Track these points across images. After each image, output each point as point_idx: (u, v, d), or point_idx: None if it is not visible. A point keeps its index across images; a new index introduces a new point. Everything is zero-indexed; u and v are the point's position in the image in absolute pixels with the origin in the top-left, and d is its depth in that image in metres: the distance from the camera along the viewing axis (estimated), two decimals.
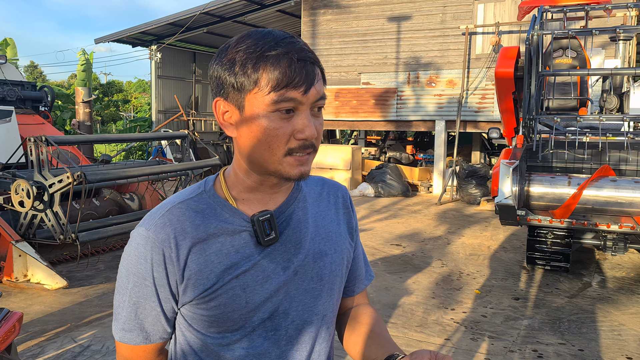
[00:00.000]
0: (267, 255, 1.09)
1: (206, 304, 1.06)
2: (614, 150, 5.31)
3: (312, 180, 1.26)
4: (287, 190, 1.17)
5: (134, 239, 1.09)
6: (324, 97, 1.05)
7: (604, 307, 5.08)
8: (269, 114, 1.01)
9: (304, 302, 1.13)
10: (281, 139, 1.01)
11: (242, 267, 1.07)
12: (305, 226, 1.15)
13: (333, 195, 1.27)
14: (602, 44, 10.06)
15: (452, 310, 4.96)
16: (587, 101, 6.86)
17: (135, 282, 1.08)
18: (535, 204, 5.30)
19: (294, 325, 1.13)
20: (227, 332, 1.09)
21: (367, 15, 13.25)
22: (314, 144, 1.05)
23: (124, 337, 1.10)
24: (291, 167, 1.04)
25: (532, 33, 4.95)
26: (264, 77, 0.99)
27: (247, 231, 1.09)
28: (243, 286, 1.07)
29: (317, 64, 1.05)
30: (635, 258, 6.80)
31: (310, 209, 1.19)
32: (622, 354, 4.08)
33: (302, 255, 1.13)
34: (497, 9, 11.99)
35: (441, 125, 12.54)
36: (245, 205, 1.12)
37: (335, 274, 1.19)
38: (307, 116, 1.02)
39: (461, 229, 8.58)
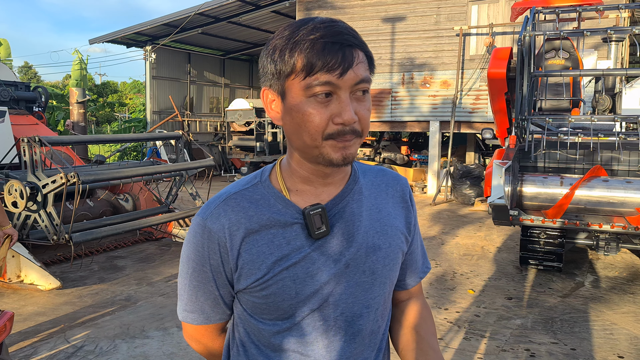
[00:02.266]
0: (318, 248, 1.10)
1: (258, 292, 1.10)
2: (605, 151, 5.34)
3: (371, 170, 1.26)
4: (341, 181, 1.16)
5: (192, 227, 1.15)
6: (366, 80, 1.03)
7: (597, 306, 5.11)
8: (306, 99, 1.01)
9: (354, 294, 1.14)
10: (319, 124, 1.01)
11: (293, 259, 1.09)
12: (359, 219, 1.15)
13: (392, 188, 1.25)
14: (594, 45, 10.12)
15: (446, 310, 4.98)
16: (579, 102, 6.90)
17: (195, 268, 1.14)
18: (528, 204, 5.33)
19: (344, 317, 1.14)
20: (278, 320, 1.12)
21: (361, 17, 13.27)
22: (356, 129, 1.03)
23: (187, 318, 1.19)
24: (333, 150, 1.03)
25: (524, 34, 4.98)
26: (300, 62, 1.00)
27: (299, 223, 1.10)
28: (293, 277, 1.09)
29: (359, 46, 1.03)
30: (628, 258, 6.84)
31: (366, 202, 1.18)
32: (614, 352, 4.11)
33: (354, 248, 1.13)
34: (491, 10, 12.03)
35: (435, 126, 12.57)
36: (299, 196, 1.13)
37: (389, 268, 1.18)
38: (345, 100, 1.01)
39: (455, 229, 8.61)
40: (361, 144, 1.11)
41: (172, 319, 4.64)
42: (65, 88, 30.63)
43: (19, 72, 47.85)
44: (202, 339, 1.24)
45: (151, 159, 9.85)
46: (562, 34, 5.08)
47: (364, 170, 1.24)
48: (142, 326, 4.49)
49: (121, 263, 6.46)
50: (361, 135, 1.05)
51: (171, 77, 19.00)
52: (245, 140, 15.07)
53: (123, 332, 4.36)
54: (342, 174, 1.15)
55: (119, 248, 7.11)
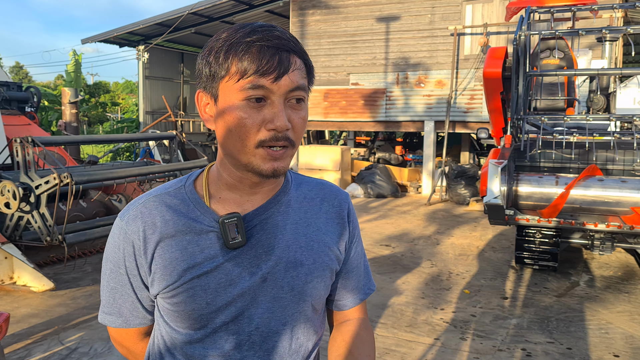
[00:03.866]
0: (233, 259, 1.07)
1: (170, 299, 1.07)
2: (600, 150, 5.35)
3: (308, 183, 1.21)
4: (269, 192, 1.12)
5: (113, 227, 1.13)
6: (301, 88, 1.00)
7: (592, 305, 5.12)
8: (238, 103, 0.98)
9: (271, 310, 1.10)
10: (250, 129, 0.98)
11: (205, 267, 1.06)
12: (281, 232, 1.11)
13: (328, 203, 1.20)
14: (588, 45, 10.15)
15: (442, 310, 4.97)
16: (574, 101, 6.91)
17: (112, 269, 1.12)
18: (523, 204, 5.33)
19: (259, 332, 1.10)
20: (191, 330, 1.09)
21: (355, 16, 13.26)
22: (289, 137, 1.00)
23: (105, 319, 1.16)
24: (263, 161, 1.00)
25: (519, 33, 4.98)
26: (234, 64, 0.97)
27: (215, 232, 1.07)
28: (204, 287, 1.06)
29: (297, 53, 1.01)
30: (623, 257, 6.86)
31: (293, 215, 1.14)
32: (610, 351, 4.11)
33: (272, 262, 1.09)
34: (485, 9, 12.05)
35: (430, 126, 12.58)
36: (220, 204, 1.09)
37: (312, 285, 1.13)
38: (279, 106, 0.98)
39: (450, 229, 8.61)
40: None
41: None
42: (57, 88, 30.49)
43: (10, 72, 47.59)
44: (123, 342, 1.20)
45: (144, 160, 9.81)
46: (557, 33, 5.08)
47: (300, 182, 1.19)
48: None
49: None
50: (294, 145, 1.02)
51: (164, 77, 18.93)
52: None
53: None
54: (273, 185, 1.12)
55: None
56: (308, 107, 1.07)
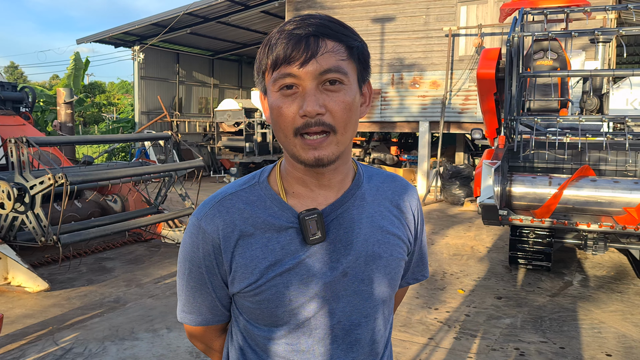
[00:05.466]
0: (313, 254, 1.07)
1: (251, 297, 1.08)
2: (593, 151, 5.39)
3: (379, 175, 1.21)
4: (341, 184, 1.12)
5: (188, 227, 1.13)
6: (335, 70, 0.98)
7: (585, 305, 5.15)
8: (276, 94, 1.00)
9: (352, 303, 1.10)
10: (286, 118, 0.99)
11: (286, 264, 1.06)
12: (359, 226, 1.11)
13: (399, 196, 1.20)
14: (582, 46, 10.19)
15: (436, 309, 4.99)
16: (567, 102, 6.95)
17: (191, 269, 1.13)
18: (517, 204, 5.36)
19: (341, 326, 1.10)
20: (273, 326, 1.09)
21: (350, 17, 13.28)
22: (324, 121, 0.98)
23: (185, 319, 1.17)
24: (303, 150, 1.00)
25: (512, 35, 5.01)
26: (270, 57, 1.00)
27: (294, 228, 1.07)
28: (287, 284, 1.06)
29: (330, 36, 0.99)
30: (615, 257, 6.90)
31: (368, 208, 1.13)
32: (602, 351, 4.14)
33: (352, 256, 1.09)
34: (480, 11, 12.09)
35: (425, 126, 12.61)
36: (296, 199, 1.10)
37: (390, 277, 1.14)
38: (309, 91, 0.97)
39: (445, 229, 8.64)
40: (342, 141, 1.04)
41: (162, 321, 4.61)
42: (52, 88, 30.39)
43: (5, 72, 47.41)
44: (202, 339, 1.23)
45: (140, 160, 9.80)
46: (550, 34, 5.11)
47: (371, 174, 1.19)
48: (132, 328, 4.46)
49: (110, 264, 6.42)
50: (335, 131, 1.00)
51: (160, 77, 18.90)
52: (234, 140, 15.03)
53: (112, 334, 4.33)
54: (341, 176, 1.11)
55: (108, 249, 7.05)
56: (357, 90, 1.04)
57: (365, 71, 1.06)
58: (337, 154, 1.02)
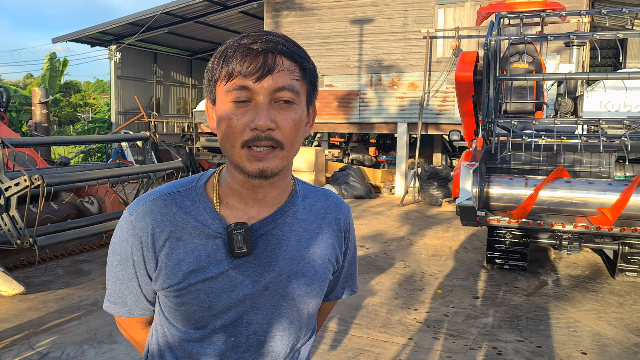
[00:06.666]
0: (238, 267, 1.09)
1: (172, 298, 1.10)
2: (568, 152, 5.49)
3: (314, 193, 1.23)
4: (276, 200, 1.14)
5: (120, 220, 1.15)
6: (290, 89, 1.01)
7: (560, 304, 5.24)
8: (227, 105, 1.01)
9: (270, 316, 1.13)
10: (236, 129, 1.00)
11: (210, 272, 1.08)
12: (286, 244, 1.13)
13: (331, 215, 1.23)
14: (556, 49, 10.37)
15: (415, 310, 5.04)
16: (543, 105, 7.07)
17: (119, 261, 1.14)
18: (494, 205, 5.43)
19: (256, 337, 1.13)
20: (190, 329, 1.12)
21: (329, 18, 13.32)
22: (273, 137, 1.00)
23: (110, 308, 1.19)
24: (248, 161, 1.01)
25: (490, 38, 5.09)
26: (225, 68, 1.01)
27: (222, 238, 1.09)
28: (207, 291, 1.08)
29: (287, 55, 1.01)
30: (590, 257, 7.03)
31: (298, 227, 1.16)
32: (578, 349, 4.23)
33: (275, 272, 1.12)
34: (457, 13, 12.22)
35: (403, 128, 12.70)
36: (229, 210, 1.11)
37: (311, 295, 1.17)
38: (262, 106, 0.99)
39: (423, 230, 8.72)
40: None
41: None
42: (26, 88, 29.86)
43: None
44: (127, 329, 1.25)
45: (117, 161, 9.69)
46: (526, 38, 5.20)
47: (307, 192, 1.21)
48: (110, 331, 4.41)
49: (87, 267, 6.34)
50: (282, 147, 1.02)
51: (137, 77, 18.71)
52: (213, 141, 14.96)
53: (90, 338, 4.28)
54: (277, 192, 1.13)
55: (85, 252, 6.97)
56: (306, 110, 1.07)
57: (313, 93, 1.09)
58: (280, 168, 1.05)
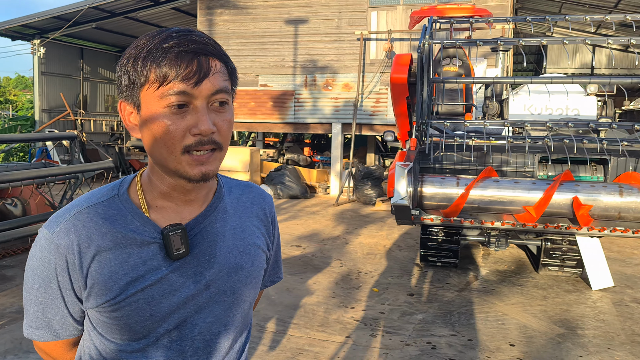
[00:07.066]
0: (177, 269, 1.07)
1: (109, 313, 1.05)
2: (496, 153, 5.72)
3: (237, 186, 1.24)
4: (205, 198, 1.13)
5: (38, 240, 1.07)
6: (224, 90, 1.01)
7: (489, 298, 5.47)
8: (161, 110, 0.98)
9: (214, 314, 1.12)
10: (176, 135, 0.98)
11: (148, 280, 1.05)
12: (222, 239, 1.13)
13: (257, 206, 1.24)
14: (483, 54, 10.79)
15: (352, 308, 5.11)
16: (472, 107, 7.34)
17: (41, 284, 1.07)
18: (427, 204, 5.58)
19: (202, 337, 1.12)
20: (131, 340, 1.08)
21: (264, 18, 13.27)
22: (215, 140, 1.00)
23: (32, 334, 1.11)
24: (190, 166, 1.00)
25: (423, 42, 5.23)
26: (153, 72, 0.97)
27: (157, 243, 1.06)
28: (148, 299, 1.05)
29: (217, 56, 1.01)
30: (515, 252, 7.37)
31: (230, 221, 1.16)
32: (506, 341, 4.42)
33: (215, 269, 1.11)
34: (389, 17, 12.48)
35: (338, 128, 12.84)
36: (159, 214, 1.08)
37: (251, 287, 1.18)
38: (202, 110, 0.98)
39: (358, 229, 8.84)
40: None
41: None
42: None
43: None
44: (51, 353, 1.17)
45: (42, 160, 9.25)
46: (457, 43, 5.38)
47: (230, 186, 1.22)
48: None
49: (10, 273, 6.02)
50: (221, 148, 1.03)
51: (62, 73, 17.92)
52: None
53: (15, 347, 4.07)
54: (206, 190, 1.13)
55: (8, 257, 6.61)
56: (233, 108, 1.08)
57: (234, 92, 1.09)
58: (218, 169, 1.06)
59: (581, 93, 7.15)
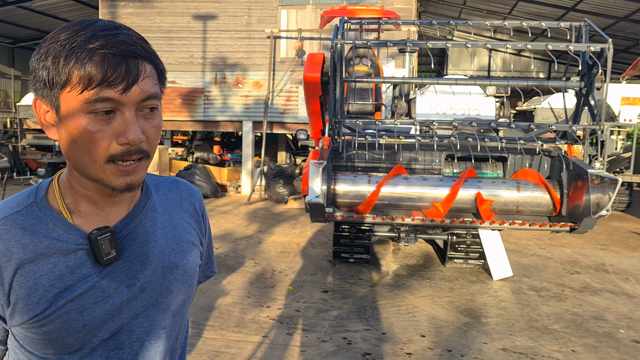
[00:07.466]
0: (108, 275, 1.00)
1: (37, 329, 0.97)
2: (405, 151, 5.91)
3: (164, 183, 1.18)
4: (132, 198, 1.07)
5: None
6: (154, 96, 0.95)
7: (400, 292, 5.64)
8: (85, 115, 0.91)
9: (151, 317, 1.07)
10: (101, 144, 0.92)
11: (78, 289, 0.97)
12: (153, 239, 1.07)
13: (186, 201, 1.19)
14: (391, 55, 11.12)
15: (268, 307, 5.09)
16: (381, 106, 7.54)
17: None
18: (340, 202, 5.67)
19: (140, 342, 1.06)
20: (64, 354, 1.00)
21: (171, 12, 12.89)
22: (143, 149, 0.95)
23: None
24: (115, 176, 0.94)
25: (335, 42, 5.30)
26: (76, 73, 0.89)
27: (84, 249, 0.99)
28: (80, 309, 0.98)
29: (146, 58, 0.95)
30: (423, 247, 7.66)
31: (160, 219, 1.11)
32: (417, 333, 4.58)
33: (149, 270, 1.05)
34: (299, 15, 12.54)
35: (248, 126, 12.74)
36: (83, 218, 1.01)
37: (187, 284, 1.14)
38: (130, 118, 0.92)
39: (271, 228, 8.82)
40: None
41: None
42: None
43: None
44: None
45: None
46: (368, 43, 5.50)
47: (157, 183, 1.17)
48: None
49: None
50: (149, 156, 0.98)
51: None
52: (41, 139, 13.71)
53: None
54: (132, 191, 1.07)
55: None
56: (161, 111, 1.02)
57: (163, 93, 1.04)
58: (144, 178, 1.01)
59: (481, 94, 7.55)
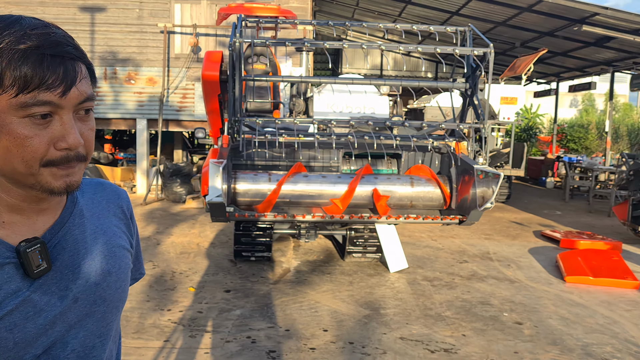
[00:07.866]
0: (39, 288, 0.95)
1: None
2: (304, 149, 6.00)
3: (89, 186, 1.13)
4: (58, 205, 1.02)
5: None
6: (91, 97, 0.93)
7: (302, 288, 5.73)
8: (19, 120, 0.87)
9: (85, 327, 1.03)
10: (37, 149, 0.88)
11: (7, 306, 0.92)
12: (83, 246, 1.03)
13: (113, 204, 1.16)
14: (288, 53, 11.21)
15: (169, 310, 4.97)
16: (279, 104, 7.59)
17: None
18: (241, 200, 5.65)
19: (75, 354, 1.02)
20: None
21: (55, 2, 12.12)
22: (82, 154, 0.92)
23: None
24: (54, 178, 0.91)
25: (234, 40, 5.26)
26: (8, 75, 0.85)
27: (12, 263, 0.93)
28: (10, 327, 0.92)
29: (81, 59, 0.92)
30: (323, 243, 7.82)
31: (89, 225, 1.07)
32: (320, 327, 4.69)
33: (82, 280, 1.01)
34: (194, 10, 12.27)
35: (143, 124, 12.29)
36: (8, 229, 0.95)
37: (121, 290, 1.11)
38: (69, 121, 0.90)
39: (169, 228, 8.60)
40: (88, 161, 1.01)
41: None
42: None
43: None
44: None
45: None
46: (267, 42, 5.51)
47: (81, 186, 1.10)
48: None
49: None
50: (86, 159, 0.96)
51: None
52: None
53: None
54: (59, 197, 1.03)
55: None
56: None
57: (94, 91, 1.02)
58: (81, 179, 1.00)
59: (376, 93, 7.83)
